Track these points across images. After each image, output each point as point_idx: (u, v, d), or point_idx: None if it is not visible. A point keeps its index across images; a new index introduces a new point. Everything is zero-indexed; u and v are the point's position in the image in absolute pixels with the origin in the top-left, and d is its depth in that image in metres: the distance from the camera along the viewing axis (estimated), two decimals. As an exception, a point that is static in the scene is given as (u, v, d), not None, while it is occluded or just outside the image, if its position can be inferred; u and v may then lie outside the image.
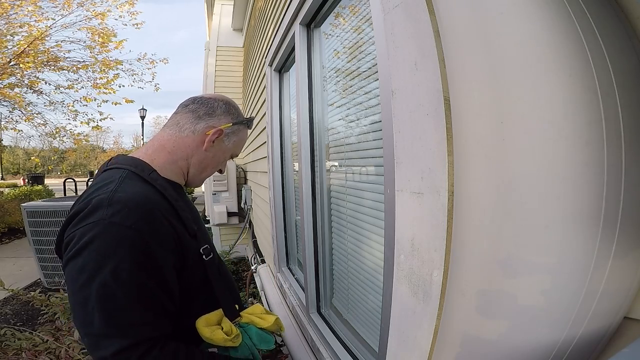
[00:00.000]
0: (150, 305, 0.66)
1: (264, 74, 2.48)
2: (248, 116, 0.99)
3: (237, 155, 0.96)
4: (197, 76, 5.64)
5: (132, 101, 8.71)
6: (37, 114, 8.32)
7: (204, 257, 0.79)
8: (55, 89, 8.23)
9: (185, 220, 0.76)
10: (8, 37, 7.29)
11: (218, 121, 0.85)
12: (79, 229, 0.65)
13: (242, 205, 4.43)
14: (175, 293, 0.72)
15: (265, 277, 2.78)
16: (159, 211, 0.70)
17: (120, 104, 8.59)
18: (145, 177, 0.76)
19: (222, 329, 0.82)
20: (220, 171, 0.93)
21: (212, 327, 0.80)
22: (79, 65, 8.14)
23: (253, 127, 0.94)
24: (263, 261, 3.22)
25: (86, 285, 0.62)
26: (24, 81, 7.83)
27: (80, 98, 8.45)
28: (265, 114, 2.51)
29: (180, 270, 0.73)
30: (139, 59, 8.94)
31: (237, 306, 0.93)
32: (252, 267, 3.30)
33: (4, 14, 7.13)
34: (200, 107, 0.85)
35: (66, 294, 2.22)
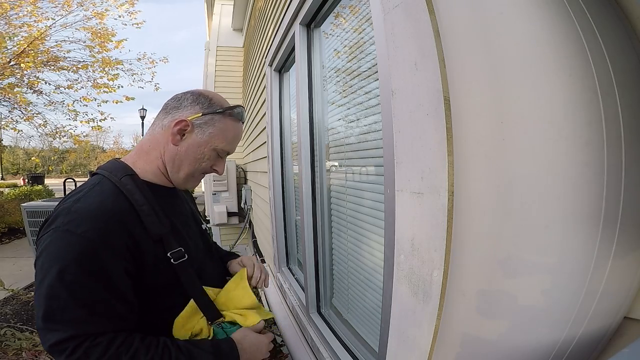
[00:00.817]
0: (91, 305, 0.70)
1: (264, 74, 2.48)
2: (236, 105, 0.89)
3: (228, 151, 0.87)
4: (198, 76, 5.64)
5: (132, 98, 8.70)
6: (37, 114, 8.33)
7: (172, 260, 0.79)
8: (55, 89, 8.23)
9: (149, 225, 0.77)
10: (8, 37, 7.28)
11: (183, 113, 0.83)
12: (42, 236, 0.73)
13: (242, 205, 4.43)
14: (128, 296, 0.74)
15: (265, 277, 2.77)
16: (113, 220, 0.72)
17: (121, 102, 8.59)
18: (116, 182, 0.78)
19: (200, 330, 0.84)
20: (216, 171, 0.88)
21: (183, 329, 0.83)
22: (78, 65, 8.14)
23: (245, 119, 0.78)
24: (263, 261, 3.22)
25: (39, 285, 0.69)
26: (24, 81, 7.83)
27: (80, 98, 8.46)
28: (265, 114, 2.51)
29: (137, 274, 0.75)
30: (139, 58, 8.94)
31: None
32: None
33: (4, 14, 7.13)
34: (170, 102, 0.85)
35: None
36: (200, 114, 0.82)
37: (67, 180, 7.21)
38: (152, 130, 0.86)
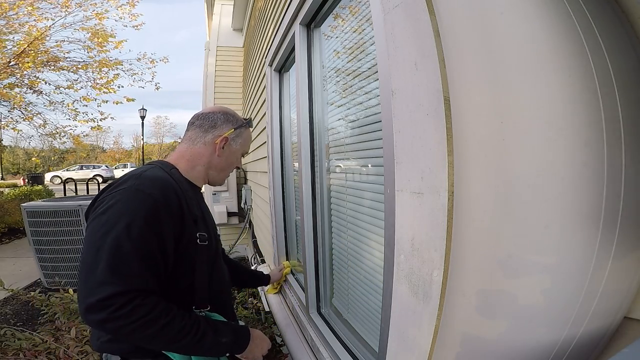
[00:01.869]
0: (148, 261, 0.79)
1: (264, 74, 2.48)
2: (247, 117, 1.17)
3: (247, 152, 1.16)
4: (198, 76, 5.64)
5: (133, 100, 8.70)
6: (37, 114, 8.32)
7: (198, 240, 0.92)
8: (55, 89, 8.23)
9: (190, 207, 0.91)
10: (7, 36, 7.28)
11: (221, 130, 1.06)
12: (111, 194, 0.83)
13: (242, 205, 4.43)
14: (169, 259, 0.85)
15: (265, 277, 2.77)
16: (172, 191, 0.88)
17: (121, 102, 8.59)
18: (167, 171, 0.95)
19: None
20: (238, 168, 1.16)
21: None
22: (78, 66, 8.13)
23: (254, 126, 1.18)
24: (263, 261, 3.22)
25: (104, 236, 0.76)
26: (24, 81, 7.83)
27: (80, 98, 8.45)
28: (265, 114, 2.51)
29: (177, 242, 0.87)
30: (139, 58, 8.92)
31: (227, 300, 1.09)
32: (252, 267, 3.30)
33: (3, 14, 7.13)
34: (204, 122, 1.06)
35: (66, 294, 2.22)
36: (233, 130, 1.07)
37: (67, 180, 7.19)
38: (191, 144, 1.05)
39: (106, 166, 24.92)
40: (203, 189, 1.26)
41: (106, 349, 0.88)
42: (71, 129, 8.77)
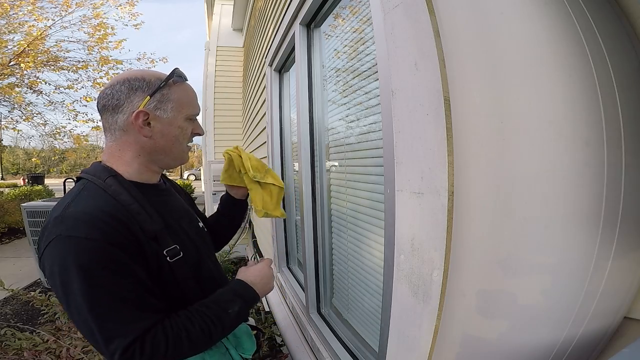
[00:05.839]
0: (134, 300, 0.70)
1: (264, 74, 2.48)
2: (179, 69, 0.86)
3: (197, 112, 0.88)
4: (199, 76, 5.64)
5: None
6: (37, 114, 8.33)
7: (167, 258, 0.78)
8: (55, 89, 8.23)
9: (141, 223, 0.75)
10: (8, 36, 7.28)
11: (131, 105, 0.78)
12: (43, 254, 0.69)
13: (242, 205, 4.41)
14: (153, 288, 0.74)
15: (265, 277, 2.77)
16: (111, 218, 0.71)
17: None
18: (100, 184, 0.77)
19: None
20: (198, 134, 0.89)
21: None
22: (78, 65, 8.14)
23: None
24: (263, 261, 3.22)
25: (72, 302, 0.66)
26: (24, 81, 7.83)
27: (80, 98, 8.46)
28: (265, 114, 2.51)
29: (146, 269, 0.75)
30: (139, 58, 8.94)
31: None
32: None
33: (4, 14, 7.13)
34: (107, 103, 0.79)
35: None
36: (148, 97, 0.78)
37: (67, 180, 7.20)
38: (112, 136, 0.81)
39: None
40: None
41: None
42: (72, 128, 8.78)
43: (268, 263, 0.96)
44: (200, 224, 1.01)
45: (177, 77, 0.83)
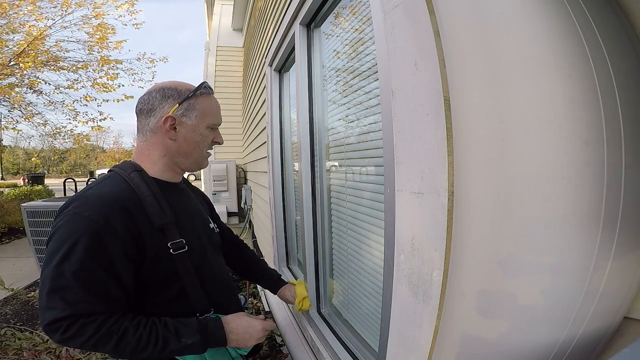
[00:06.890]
0: (90, 286, 0.75)
1: (264, 74, 2.47)
2: (202, 82, 0.96)
3: (217, 122, 0.97)
4: (199, 76, 5.65)
5: (131, 97, 8.70)
6: (37, 114, 8.33)
7: (171, 251, 0.84)
8: (55, 89, 8.23)
9: (152, 215, 0.83)
10: (8, 36, 7.28)
11: (162, 110, 0.89)
12: (57, 218, 0.79)
13: (242, 205, 4.43)
14: (125, 280, 0.79)
15: (265, 277, 2.77)
16: (117, 206, 0.79)
17: (122, 100, 8.60)
18: (125, 176, 0.86)
19: None
20: (217, 142, 0.98)
21: None
22: (78, 65, 8.14)
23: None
24: (263, 261, 3.21)
25: (47, 265, 0.75)
26: (24, 81, 7.84)
27: (81, 98, 8.46)
28: (265, 114, 2.51)
29: (138, 260, 0.81)
30: (139, 58, 8.93)
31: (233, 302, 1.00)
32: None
33: (4, 14, 7.13)
34: (143, 106, 0.91)
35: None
36: (177, 105, 0.89)
37: (67, 180, 7.20)
38: (143, 137, 0.93)
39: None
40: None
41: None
42: (72, 127, 8.79)
43: (266, 326, 0.97)
44: (212, 225, 1.06)
45: (204, 89, 0.94)
